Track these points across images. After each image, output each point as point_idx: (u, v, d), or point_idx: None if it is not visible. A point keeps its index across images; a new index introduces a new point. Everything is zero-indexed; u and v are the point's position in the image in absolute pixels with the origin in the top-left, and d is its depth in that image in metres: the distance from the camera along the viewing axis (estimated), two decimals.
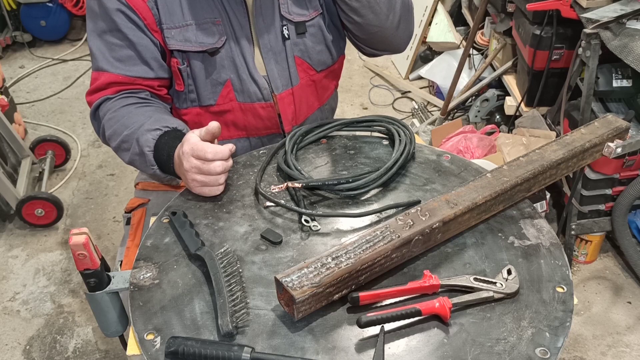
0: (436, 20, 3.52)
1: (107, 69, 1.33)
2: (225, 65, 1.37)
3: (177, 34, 1.32)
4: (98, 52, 1.34)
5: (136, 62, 1.33)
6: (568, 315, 0.95)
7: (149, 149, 1.24)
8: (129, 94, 1.34)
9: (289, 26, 1.40)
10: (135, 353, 0.96)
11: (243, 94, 1.41)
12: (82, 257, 1.02)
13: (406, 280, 1.00)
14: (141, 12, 1.29)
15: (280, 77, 1.42)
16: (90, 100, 1.37)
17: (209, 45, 1.33)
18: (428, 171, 1.29)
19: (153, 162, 1.25)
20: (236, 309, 0.96)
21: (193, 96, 1.41)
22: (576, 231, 2.26)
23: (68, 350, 2.18)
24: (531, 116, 2.47)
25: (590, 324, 2.17)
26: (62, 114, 3.58)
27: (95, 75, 1.35)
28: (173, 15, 1.31)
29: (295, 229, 1.15)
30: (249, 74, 1.38)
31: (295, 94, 1.46)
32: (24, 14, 4.11)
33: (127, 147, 1.29)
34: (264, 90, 1.41)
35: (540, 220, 1.14)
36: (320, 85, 1.53)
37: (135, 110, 1.31)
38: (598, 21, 1.93)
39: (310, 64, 1.46)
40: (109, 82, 1.33)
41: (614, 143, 1.22)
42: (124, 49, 1.32)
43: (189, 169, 1.17)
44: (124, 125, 1.29)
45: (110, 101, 1.34)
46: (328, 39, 1.47)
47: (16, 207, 2.62)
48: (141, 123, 1.26)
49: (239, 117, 1.44)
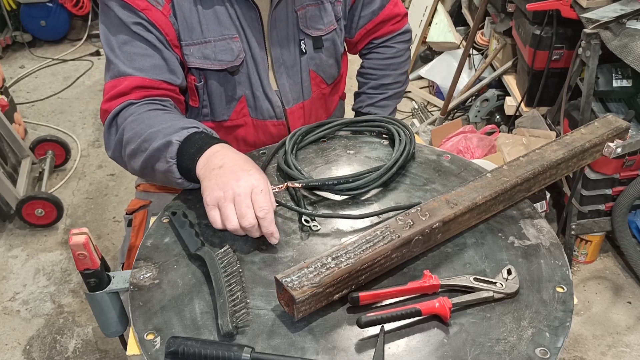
0: (436, 20, 3.52)
1: (131, 72, 1.21)
2: (242, 82, 1.36)
3: (195, 50, 1.29)
4: (117, 61, 1.23)
5: (162, 69, 1.25)
6: (568, 315, 0.95)
7: (178, 138, 1.09)
8: (154, 100, 1.23)
9: (307, 40, 1.40)
10: (135, 353, 0.96)
11: (256, 110, 1.41)
12: (82, 257, 1.02)
13: (406, 280, 1.00)
14: (163, 27, 1.24)
15: (291, 91, 1.43)
16: (107, 107, 1.22)
17: (229, 64, 1.31)
18: (428, 171, 1.29)
19: (175, 152, 1.09)
20: (236, 309, 0.96)
21: (206, 111, 1.39)
22: (576, 231, 2.26)
23: (68, 350, 2.18)
24: (531, 116, 2.47)
25: (590, 324, 2.17)
26: (62, 114, 3.58)
27: (115, 82, 1.22)
28: (192, 32, 1.27)
29: (295, 229, 1.15)
30: (263, 91, 1.38)
31: (305, 107, 1.48)
32: (24, 14, 4.12)
33: (147, 147, 1.13)
34: (277, 108, 1.41)
35: (540, 220, 1.14)
36: (329, 99, 1.56)
37: (163, 115, 1.20)
38: (598, 21, 1.93)
39: (322, 78, 1.48)
40: (134, 86, 1.21)
41: (614, 143, 1.22)
42: (147, 58, 1.23)
43: (221, 198, 1.02)
44: (149, 125, 1.15)
45: (134, 106, 1.21)
46: (339, 53, 1.50)
47: (16, 207, 2.63)
48: (173, 121, 1.15)
49: (250, 133, 1.44)
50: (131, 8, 1.22)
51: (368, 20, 1.54)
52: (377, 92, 1.64)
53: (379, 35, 1.59)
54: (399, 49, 1.62)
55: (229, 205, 1.02)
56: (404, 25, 1.61)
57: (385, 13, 1.55)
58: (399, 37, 1.61)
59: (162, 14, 1.24)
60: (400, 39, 1.62)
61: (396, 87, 1.65)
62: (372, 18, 1.54)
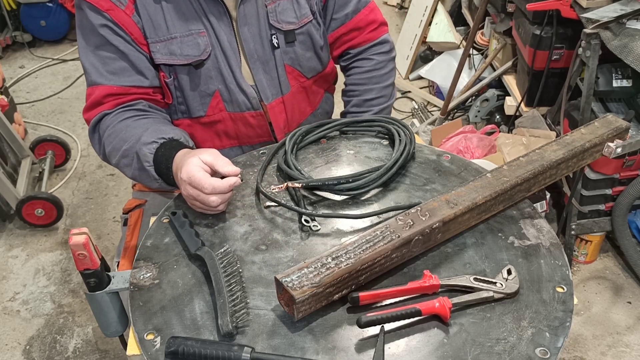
0: (436, 20, 3.52)
1: (101, 82, 1.31)
2: (213, 77, 1.36)
3: (162, 47, 1.31)
4: (91, 67, 1.32)
5: (130, 72, 1.32)
6: (568, 315, 0.95)
7: (149, 164, 1.22)
8: (126, 107, 1.32)
9: (279, 35, 1.39)
10: (135, 353, 0.96)
11: (232, 103, 1.40)
12: (82, 257, 1.02)
13: (406, 280, 1.00)
14: (127, 26, 1.28)
15: (269, 87, 1.42)
16: (88, 117, 1.34)
17: (194, 58, 1.33)
18: (428, 171, 1.29)
19: (156, 176, 1.23)
20: (236, 309, 0.96)
21: (183, 108, 1.40)
22: (576, 231, 2.26)
23: (68, 350, 2.18)
24: (531, 116, 2.47)
25: (590, 324, 2.17)
26: (62, 114, 3.58)
27: (90, 91, 1.33)
28: (158, 29, 1.30)
29: (295, 229, 1.15)
30: (237, 84, 1.38)
31: (286, 102, 1.46)
32: (24, 14, 4.11)
33: (129, 163, 1.27)
34: (253, 99, 1.41)
35: (540, 220, 1.14)
36: (311, 91, 1.53)
37: (133, 123, 1.29)
38: (598, 21, 1.93)
39: (300, 71, 1.47)
40: (105, 94, 1.31)
41: (614, 143, 1.22)
42: (117, 61, 1.30)
43: (186, 195, 1.16)
44: (123, 139, 1.27)
45: (109, 117, 1.32)
46: (317, 45, 1.47)
47: (16, 207, 2.62)
48: (139, 136, 1.24)
49: (229, 127, 1.44)
50: (97, 9, 1.27)
51: (341, 23, 1.50)
52: (361, 110, 1.56)
53: (354, 44, 1.54)
54: (378, 61, 1.55)
55: (195, 202, 1.16)
56: (382, 34, 1.55)
57: (359, 18, 1.50)
58: (377, 47, 1.55)
59: (125, 13, 1.27)
60: (379, 50, 1.55)
61: (381, 102, 1.57)
62: (345, 22, 1.50)
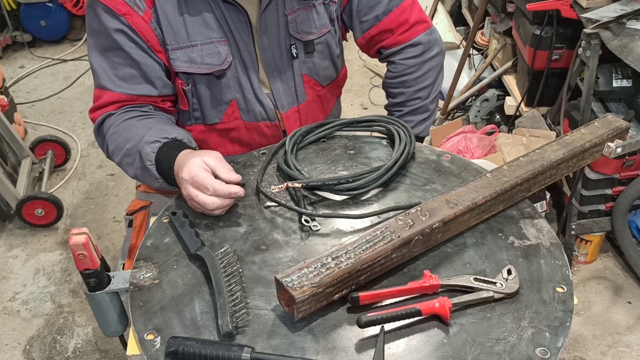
0: (436, 20, 3.52)
1: (110, 87, 1.30)
2: (231, 86, 1.35)
3: (182, 54, 1.29)
4: (100, 70, 1.30)
5: (139, 80, 1.30)
6: (568, 315, 0.95)
7: (151, 162, 1.21)
8: (131, 108, 1.32)
9: (298, 45, 1.39)
10: (135, 353, 0.96)
11: (248, 113, 1.40)
12: (82, 257, 1.02)
13: (406, 280, 1.00)
14: (144, 33, 1.26)
15: (285, 96, 1.42)
16: (93, 117, 1.35)
17: (215, 67, 1.31)
18: (428, 171, 1.29)
19: (157, 175, 1.22)
20: (236, 309, 0.96)
21: (197, 114, 1.40)
22: (576, 231, 2.26)
23: (68, 350, 2.18)
24: (531, 116, 2.47)
25: (590, 324, 2.17)
26: (62, 114, 3.58)
27: (98, 93, 1.32)
28: (177, 36, 1.28)
29: (295, 229, 1.15)
30: (254, 94, 1.38)
31: (301, 111, 1.46)
32: (24, 14, 4.11)
33: (131, 162, 1.26)
34: (269, 110, 1.41)
35: (540, 220, 1.14)
36: (325, 99, 1.54)
37: (137, 123, 1.28)
38: (598, 21, 1.93)
39: (317, 80, 1.46)
40: (112, 101, 1.30)
41: (614, 143, 1.22)
42: (126, 68, 1.29)
43: (186, 195, 1.15)
44: (126, 139, 1.26)
45: (113, 116, 1.31)
46: (335, 55, 1.47)
47: (16, 207, 2.62)
48: (142, 136, 1.23)
49: (244, 135, 1.43)
50: (113, 13, 1.24)
51: (371, 25, 1.46)
52: (395, 109, 1.56)
53: (385, 45, 1.50)
54: (408, 66, 1.49)
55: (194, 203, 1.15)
56: (414, 36, 1.47)
57: (390, 19, 1.45)
58: (407, 50, 1.48)
59: (142, 19, 1.25)
60: (409, 54, 1.48)
61: (415, 103, 1.52)
62: (376, 23, 1.46)
